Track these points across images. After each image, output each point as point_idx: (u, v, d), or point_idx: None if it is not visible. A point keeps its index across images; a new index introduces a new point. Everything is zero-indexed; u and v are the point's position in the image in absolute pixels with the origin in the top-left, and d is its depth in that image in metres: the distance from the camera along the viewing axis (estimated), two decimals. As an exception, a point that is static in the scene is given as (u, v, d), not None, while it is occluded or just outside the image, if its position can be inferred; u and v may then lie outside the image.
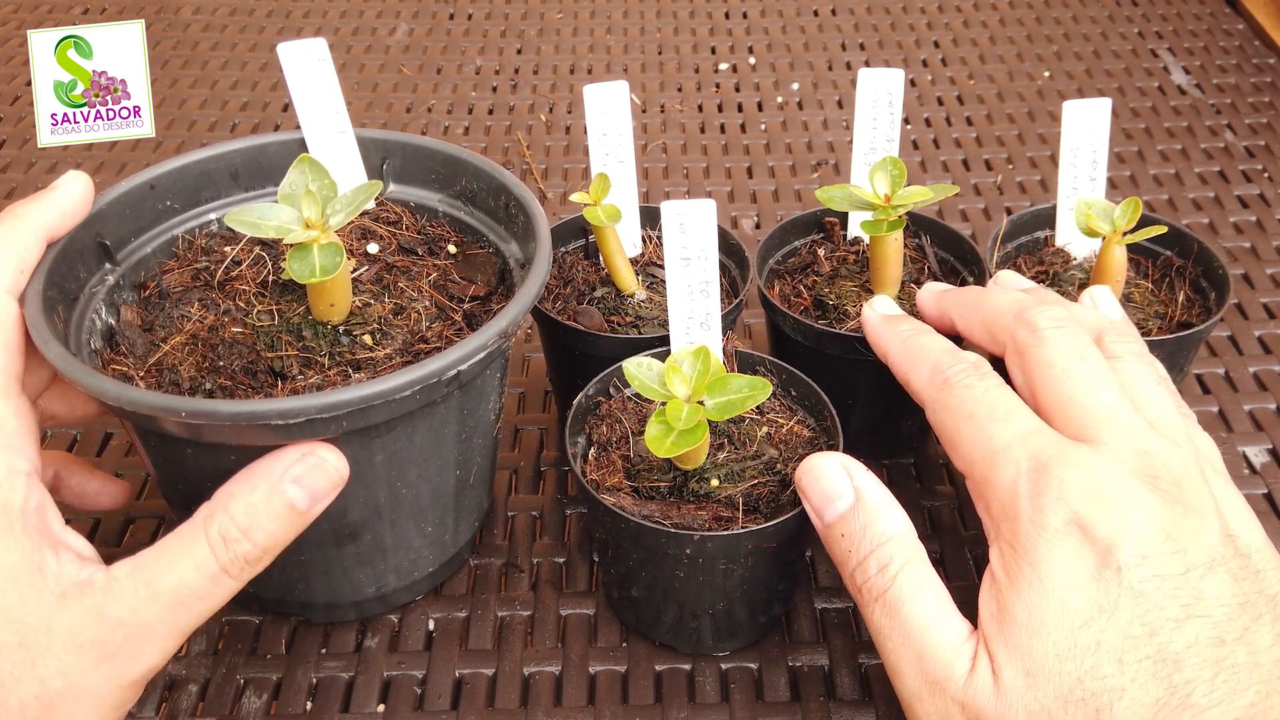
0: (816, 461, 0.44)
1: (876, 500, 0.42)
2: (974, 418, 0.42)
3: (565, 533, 0.57)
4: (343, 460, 0.41)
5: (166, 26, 1.05)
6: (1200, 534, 0.37)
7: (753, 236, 0.78)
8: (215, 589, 0.39)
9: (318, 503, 0.41)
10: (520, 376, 0.66)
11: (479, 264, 0.53)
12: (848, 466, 0.43)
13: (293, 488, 0.40)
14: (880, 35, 1.04)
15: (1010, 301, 0.46)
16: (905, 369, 0.47)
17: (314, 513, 0.41)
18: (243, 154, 0.54)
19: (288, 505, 0.40)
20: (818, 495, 0.43)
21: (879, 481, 0.43)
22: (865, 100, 0.59)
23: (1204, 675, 0.35)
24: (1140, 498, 0.38)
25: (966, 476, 0.42)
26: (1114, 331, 0.45)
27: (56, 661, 0.37)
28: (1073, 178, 0.60)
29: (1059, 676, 0.36)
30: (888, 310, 0.51)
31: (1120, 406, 0.41)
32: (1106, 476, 0.38)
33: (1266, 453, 0.61)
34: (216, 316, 0.48)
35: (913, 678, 0.39)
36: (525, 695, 0.49)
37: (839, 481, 0.43)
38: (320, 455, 0.41)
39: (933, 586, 0.40)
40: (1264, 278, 0.74)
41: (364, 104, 0.93)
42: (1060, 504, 0.38)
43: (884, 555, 0.41)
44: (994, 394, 0.42)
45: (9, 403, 0.40)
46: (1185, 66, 0.99)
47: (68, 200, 0.46)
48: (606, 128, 0.57)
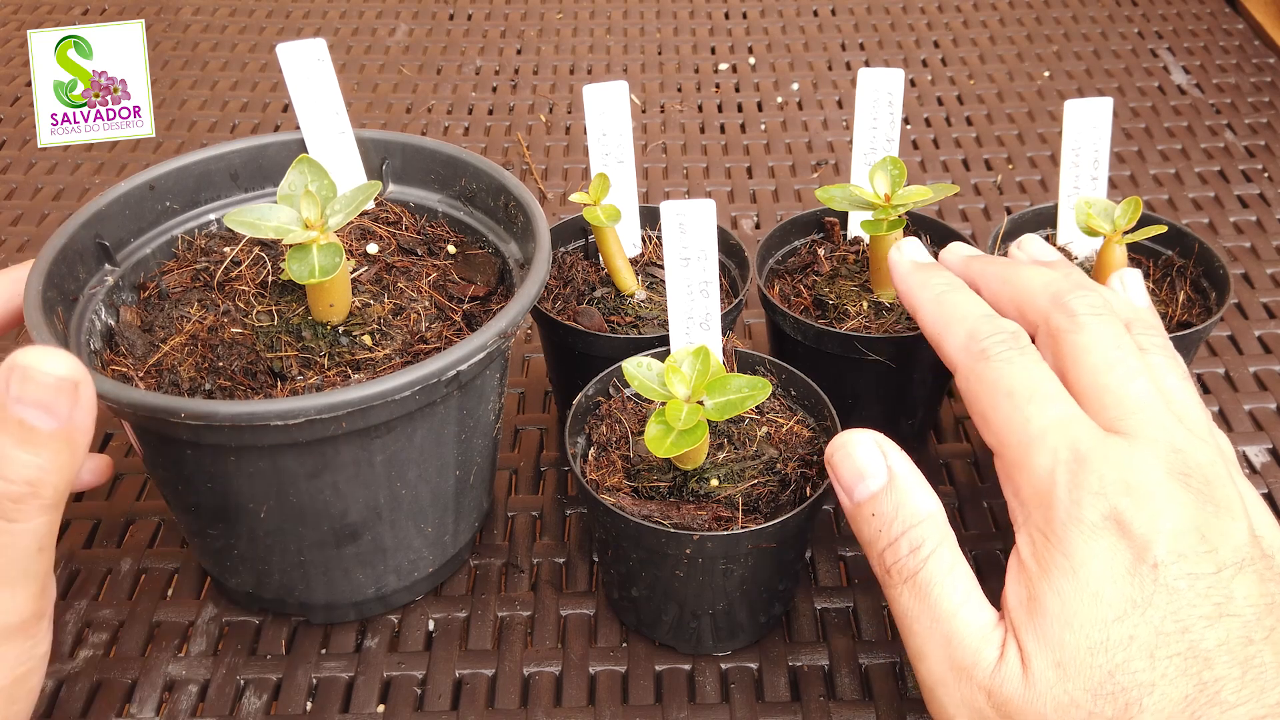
0: (850, 438, 0.42)
1: (910, 480, 0.41)
2: (1012, 396, 0.41)
3: (565, 533, 0.57)
4: (57, 358, 0.35)
5: (166, 26, 1.05)
6: (1230, 534, 0.37)
7: (753, 236, 0.78)
8: (4, 539, 0.36)
9: (64, 416, 0.36)
10: (520, 376, 0.66)
11: (479, 264, 0.53)
12: (881, 445, 0.42)
13: (19, 408, 0.35)
14: (880, 35, 1.04)
15: (1044, 282, 0.45)
16: (937, 329, 0.45)
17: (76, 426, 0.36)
18: (242, 154, 0.54)
19: (25, 429, 0.35)
20: (849, 473, 0.42)
21: (911, 462, 0.42)
22: (865, 100, 0.59)
23: (1233, 674, 0.35)
24: (1175, 496, 0.38)
25: (996, 454, 0.42)
26: (1141, 324, 0.45)
27: None
28: (1074, 177, 0.60)
29: (1090, 669, 0.36)
30: (917, 255, 0.49)
31: (1154, 399, 0.40)
32: (1143, 472, 0.38)
33: (1267, 452, 0.61)
34: (216, 317, 0.48)
35: (939, 662, 0.39)
36: (525, 695, 0.49)
37: (873, 460, 0.42)
38: (22, 364, 0.35)
39: (963, 570, 0.40)
40: (1264, 277, 0.74)
41: (364, 104, 0.93)
42: (1099, 498, 0.37)
43: (916, 536, 0.40)
44: (1033, 372, 0.41)
45: None
46: (1185, 66, 0.99)
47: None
48: (606, 128, 0.57)
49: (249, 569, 0.49)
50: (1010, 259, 0.49)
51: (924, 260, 0.49)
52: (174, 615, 0.52)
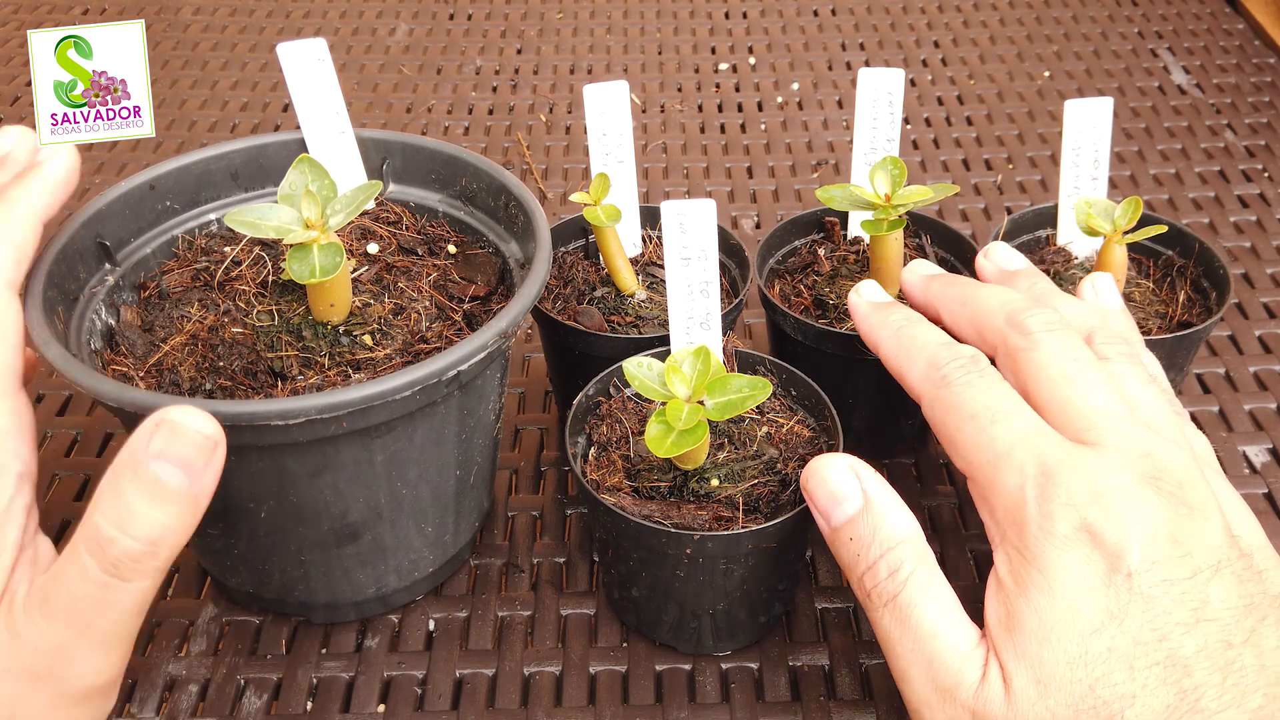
0: (823, 463, 0.43)
1: (885, 503, 0.41)
2: (975, 418, 0.41)
3: (565, 533, 0.57)
4: (204, 418, 0.36)
5: (166, 26, 1.05)
6: (1205, 536, 0.37)
7: (753, 236, 0.78)
8: (111, 596, 0.36)
9: (198, 476, 0.36)
10: (520, 376, 0.66)
11: (479, 264, 0.53)
12: (855, 468, 0.42)
13: (158, 464, 0.35)
14: (880, 35, 1.04)
15: (1000, 302, 0.45)
16: (899, 363, 0.46)
17: (203, 488, 0.36)
18: (243, 154, 0.54)
19: (159, 486, 0.35)
20: (824, 498, 0.42)
21: (886, 483, 0.42)
22: (865, 100, 0.59)
23: (1213, 680, 0.35)
24: (1146, 501, 0.37)
25: (968, 478, 0.42)
26: (1104, 332, 0.45)
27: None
28: (1074, 177, 0.60)
29: (1070, 684, 0.36)
30: (875, 297, 0.50)
31: (1117, 407, 0.40)
32: (1112, 480, 0.38)
33: (1267, 452, 0.61)
34: (216, 317, 0.48)
35: (923, 684, 0.39)
36: (525, 695, 0.49)
37: (847, 484, 0.42)
38: (171, 420, 0.35)
39: (942, 590, 0.40)
40: (1264, 277, 0.74)
41: (364, 104, 0.93)
42: (1069, 510, 0.37)
43: (894, 559, 0.40)
44: (994, 392, 0.42)
45: (6, 401, 0.39)
46: (1185, 66, 0.99)
47: (55, 177, 0.42)
48: (606, 128, 0.57)
49: (249, 569, 0.49)
50: (967, 279, 0.49)
51: (881, 300, 0.49)
52: (174, 615, 0.52)
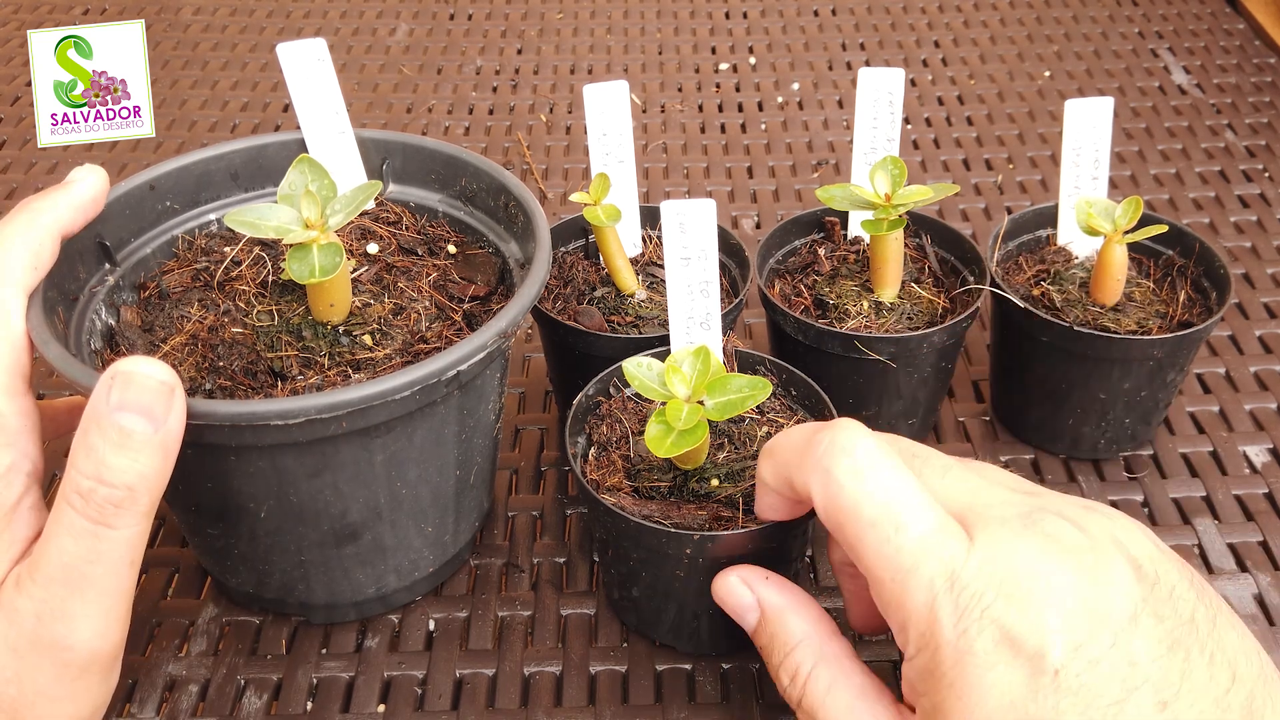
0: (720, 581, 0.44)
1: (777, 609, 0.43)
2: (876, 526, 0.37)
3: (565, 533, 0.57)
4: (157, 365, 0.37)
5: (166, 26, 1.05)
6: (1113, 582, 0.35)
7: (753, 236, 0.78)
8: (100, 545, 0.37)
9: (160, 421, 0.37)
10: (520, 376, 0.66)
11: (479, 264, 0.53)
12: (747, 580, 0.44)
13: (120, 414, 0.36)
14: (880, 35, 1.04)
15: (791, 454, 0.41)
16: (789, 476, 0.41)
17: (169, 431, 0.37)
18: (243, 154, 0.54)
19: (125, 435, 0.36)
20: (732, 612, 0.44)
21: (782, 583, 0.43)
22: (865, 100, 0.59)
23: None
24: (1053, 573, 0.35)
25: (870, 584, 0.38)
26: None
27: (1, 669, 0.37)
28: (1075, 177, 0.60)
29: None
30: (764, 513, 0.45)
31: (971, 479, 0.39)
32: (1015, 564, 0.35)
33: (1267, 452, 0.61)
34: (216, 317, 0.48)
35: None
36: (525, 695, 0.49)
37: (742, 599, 0.44)
38: (125, 370, 0.37)
39: (844, 689, 0.40)
40: (1264, 277, 0.74)
41: (364, 104, 0.93)
42: (987, 624, 0.35)
43: (791, 665, 0.41)
44: (891, 489, 0.38)
45: (14, 401, 0.40)
46: (1185, 66, 0.99)
47: (83, 196, 0.45)
48: (606, 128, 0.57)
49: (249, 569, 0.49)
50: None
51: None
52: (174, 615, 0.52)
